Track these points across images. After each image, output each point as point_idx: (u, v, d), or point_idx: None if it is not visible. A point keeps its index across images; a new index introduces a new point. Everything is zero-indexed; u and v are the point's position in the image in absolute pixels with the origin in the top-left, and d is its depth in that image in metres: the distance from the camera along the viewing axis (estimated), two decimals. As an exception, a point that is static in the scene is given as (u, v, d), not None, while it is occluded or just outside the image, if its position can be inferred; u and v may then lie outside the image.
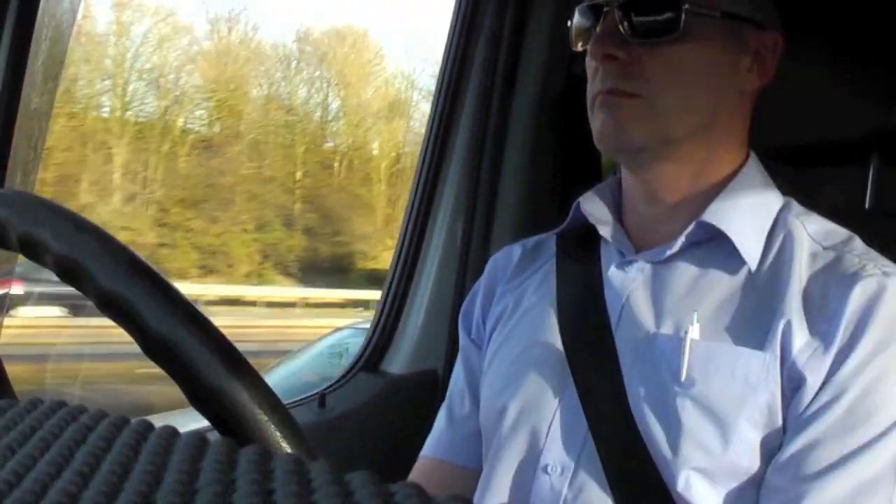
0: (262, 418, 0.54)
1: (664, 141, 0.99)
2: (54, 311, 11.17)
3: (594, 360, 0.99)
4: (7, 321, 1.27)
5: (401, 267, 1.82)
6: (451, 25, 1.78)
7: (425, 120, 1.97)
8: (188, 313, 0.56)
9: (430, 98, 1.86)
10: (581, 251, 1.10)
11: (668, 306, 0.98)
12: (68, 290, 0.60)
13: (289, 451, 0.54)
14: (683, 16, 0.96)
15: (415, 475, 1.18)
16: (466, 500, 0.32)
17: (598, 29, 0.99)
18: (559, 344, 1.03)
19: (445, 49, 1.79)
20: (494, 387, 1.09)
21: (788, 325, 0.91)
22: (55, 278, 0.60)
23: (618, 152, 1.04)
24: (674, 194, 1.03)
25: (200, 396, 0.55)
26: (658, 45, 0.97)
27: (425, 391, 1.71)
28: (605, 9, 0.99)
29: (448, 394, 1.21)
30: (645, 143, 0.99)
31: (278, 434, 0.54)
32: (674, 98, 0.98)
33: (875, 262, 0.93)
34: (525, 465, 1.01)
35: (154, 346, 0.55)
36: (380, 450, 1.64)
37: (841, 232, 0.99)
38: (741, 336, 0.93)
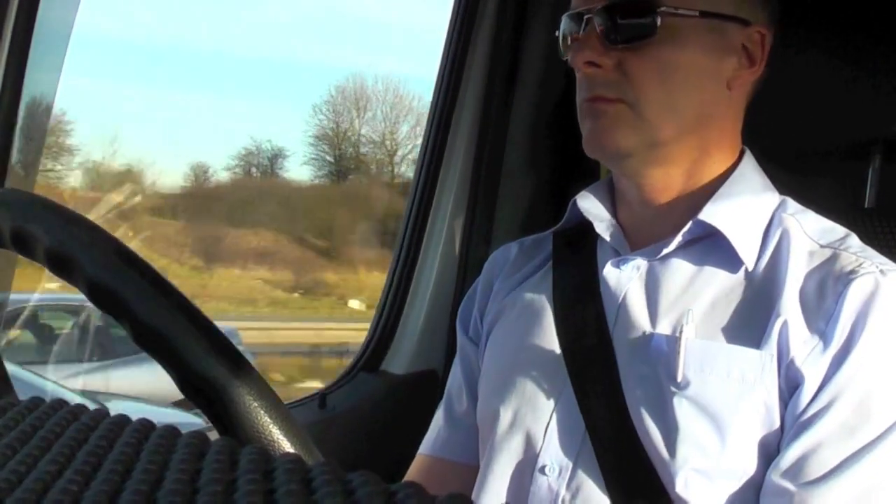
0: (253, 405, 0.54)
1: (651, 145, 0.99)
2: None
3: (591, 360, 0.99)
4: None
5: (401, 266, 1.82)
6: (449, 24, 1.78)
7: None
8: (177, 303, 0.57)
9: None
10: (578, 249, 1.10)
11: (664, 304, 0.98)
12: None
13: (289, 449, 0.54)
14: (660, 18, 0.95)
15: (413, 473, 1.18)
16: (467, 498, 0.32)
17: (579, 37, 0.99)
18: (556, 343, 1.03)
19: (444, 48, 1.79)
20: (491, 386, 1.09)
21: (785, 323, 0.90)
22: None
23: (606, 158, 1.04)
24: (666, 195, 1.03)
25: (190, 385, 0.55)
26: (638, 50, 0.96)
27: (425, 391, 1.71)
28: (585, 16, 0.99)
29: (446, 391, 1.21)
30: (632, 148, 0.99)
31: (278, 432, 0.54)
32: (658, 101, 0.97)
33: (872, 260, 0.93)
34: (522, 466, 1.01)
35: (144, 336, 0.56)
36: (380, 449, 1.64)
37: (838, 230, 0.99)
38: (737, 334, 0.93)
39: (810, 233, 0.98)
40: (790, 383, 0.90)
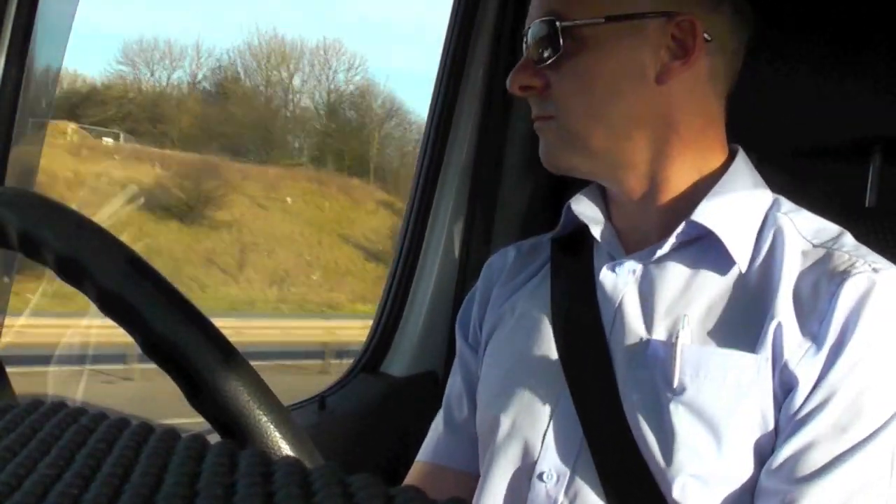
0: (262, 418, 0.54)
1: (591, 155, 1.01)
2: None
3: (588, 367, 0.99)
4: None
5: (401, 268, 1.81)
6: (449, 24, 1.78)
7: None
8: (188, 312, 0.56)
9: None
10: (574, 255, 1.10)
11: (660, 310, 0.98)
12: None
13: (288, 451, 0.54)
14: (563, 33, 0.97)
15: (411, 479, 1.17)
16: (466, 503, 0.32)
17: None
18: (553, 350, 1.03)
19: (444, 48, 1.79)
20: (489, 394, 1.08)
21: (780, 326, 0.90)
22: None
23: (560, 172, 1.06)
24: (645, 196, 1.02)
25: (199, 396, 0.55)
26: (558, 67, 0.99)
27: (425, 393, 1.71)
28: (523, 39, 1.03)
29: (445, 399, 1.20)
30: (575, 162, 1.02)
31: (278, 435, 0.54)
32: (581, 113, 0.99)
33: (865, 259, 0.92)
34: (520, 473, 1.01)
35: (154, 345, 0.56)
36: (380, 452, 1.64)
37: (831, 228, 0.99)
38: (732, 338, 0.93)
39: (804, 232, 0.97)
40: (784, 386, 0.90)
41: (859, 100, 1.42)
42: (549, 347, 1.04)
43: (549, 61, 0.99)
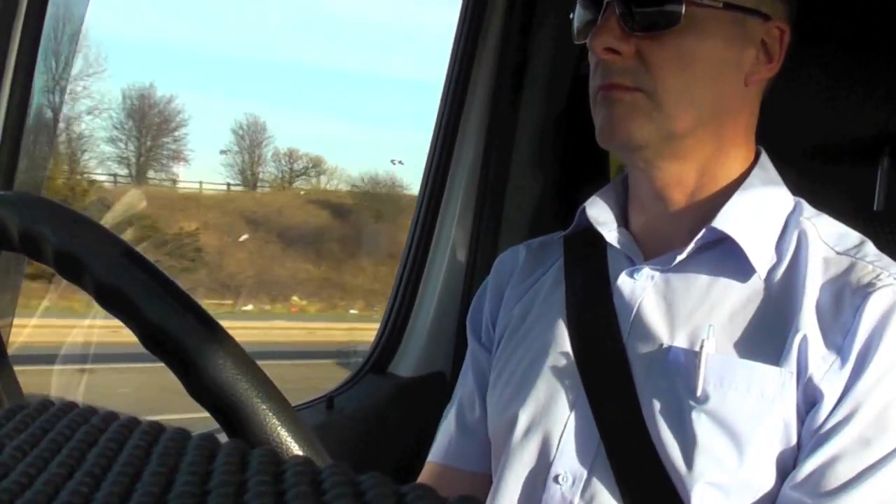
0: (261, 407, 0.54)
1: (667, 136, 0.96)
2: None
3: (606, 371, 0.98)
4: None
5: (409, 268, 1.81)
6: (457, 26, 1.78)
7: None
8: (184, 303, 0.57)
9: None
10: (588, 256, 1.08)
11: (680, 317, 0.96)
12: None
13: (287, 438, 0.54)
14: (684, 7, 0.93)
15: (423, 480, 1.16)
16: (478, 501, 0.32)
17: (598, 22, 0.96)
18: (570, 353, 1.02)
19: (452, 50, 1.79)
20: (505, 395, 1.07)
21: (804, 338, 0.89)
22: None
23: (619, 148, 1.01)
24: (680, 192, 1.01)
25: (198, 387, 0.55)
26: (659, 38, 0.94)
27: (433, 393, 1.70)
28: (605, 1, 0.96)
29: (458, 399, 1.18)
30: (647, 138, 0.96)
31: (275, 421, 0.55)
32: (677, 91, 0.95)
33: (888, 271, 0.92)
34: (536, 475, 1.00)
35: (151, 337, 0.56)
36: (387, 452, 1.64)
37: (853, 236, 0.98)
38: (756, 349, 0.92)
39: (826, 238, 0.96)
40: (808, 399, 0.89)
41: (868, 103, 1.42)
42: (565, 350, 1.03)
43: (653, 32, 0.94)
